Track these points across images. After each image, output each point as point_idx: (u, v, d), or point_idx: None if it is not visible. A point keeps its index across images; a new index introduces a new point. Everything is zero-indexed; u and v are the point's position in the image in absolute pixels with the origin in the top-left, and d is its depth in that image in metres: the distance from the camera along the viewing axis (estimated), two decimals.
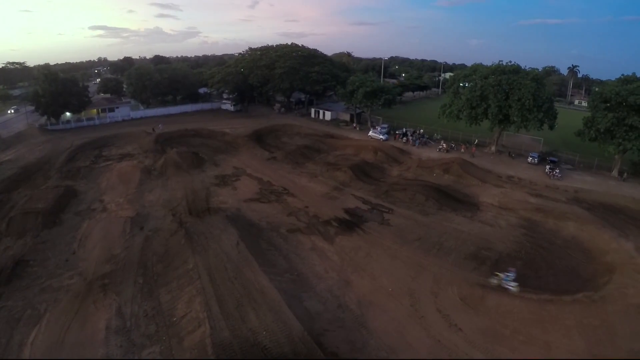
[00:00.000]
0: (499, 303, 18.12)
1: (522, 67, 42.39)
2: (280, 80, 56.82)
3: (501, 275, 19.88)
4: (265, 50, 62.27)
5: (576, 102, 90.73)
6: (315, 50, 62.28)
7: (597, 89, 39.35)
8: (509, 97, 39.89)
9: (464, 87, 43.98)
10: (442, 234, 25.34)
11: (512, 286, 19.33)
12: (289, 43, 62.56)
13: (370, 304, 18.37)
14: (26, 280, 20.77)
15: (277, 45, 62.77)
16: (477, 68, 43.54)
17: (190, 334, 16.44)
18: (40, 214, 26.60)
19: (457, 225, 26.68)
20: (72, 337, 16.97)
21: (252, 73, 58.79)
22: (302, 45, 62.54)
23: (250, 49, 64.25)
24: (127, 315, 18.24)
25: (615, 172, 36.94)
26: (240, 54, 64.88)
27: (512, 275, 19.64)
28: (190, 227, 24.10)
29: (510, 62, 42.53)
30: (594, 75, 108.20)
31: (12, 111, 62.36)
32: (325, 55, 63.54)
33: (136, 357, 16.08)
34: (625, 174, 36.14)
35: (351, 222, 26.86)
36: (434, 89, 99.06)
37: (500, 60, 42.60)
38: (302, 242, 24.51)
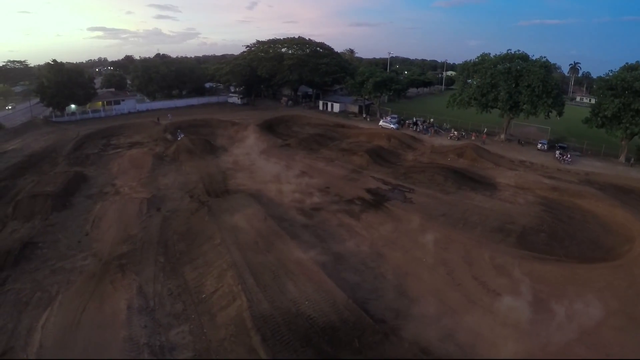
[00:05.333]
0: (532, 269, 17.43)
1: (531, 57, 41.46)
2: (289, 72, 54.97)
3: None
4: (273, 43, 60.43)
5: (578, 98, 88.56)
6: (322, 44, 60.72)
7: (601, 77, 38.50)
8: (518, 84, 39.04)
9: (471, 81, 43.09)
10: (465, 210, 24.44)
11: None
12: (296, 37, 60.76)
13: (406, 274, 17.38)
14: (35, 263, 18.44)
15: (284, 39, 61.02)
16: (485, 57, 42.49)
17: (224, 309, 14.38)
18: (50, 196, 24.17)
19: (479, 203, 25.86)
20: (90, 319, 14.65)
21: (261, 65, 56.90)
22: (309, 38, 60.99)
23: (258, 41, 62.31)
24: (150, 295, 16.01)
25: (622, 158, 36.37)
26: (247, 46, 62.88)
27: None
28: (213, 205, 21.91)
29: (519, 50, 41.51)
30: (593, 75, 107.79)
31: (10, 107, 58.28)
32: (331, 49, 61.94)
33: (163, 338, 13.86)
34: (633, 160, 35.62)
35: (375, 201, 25.70)
36: (437, 86, 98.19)
37: (508, 50, 41.61)
38: (328, 219, 23.02)
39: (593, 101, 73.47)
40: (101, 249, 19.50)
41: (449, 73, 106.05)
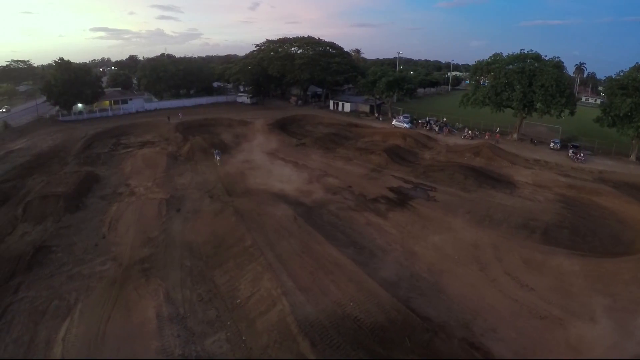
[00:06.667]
0: (560, 264, 17.25)
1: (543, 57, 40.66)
2: (300, 71, 53.61)
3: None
4: (283, 42, 59.00)
5: (583, 98, 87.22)
6: (332, 43, 59.36)
7: (612, 77, 37.83)
8: (532, 84, 38.23)
9: (485, 82, 42.27)
10: (488, 208, 23.93)
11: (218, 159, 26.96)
12: (306, 35, 59.46)
13: (441, 272, 16.89)
14: (50, 268, 16.97)
15: (294, 38, 59.60)
16: (498, 57, 41.63)
17: (264, 315, 13.15)
18: (62, 197, 22.63)
19: (500, 200, 25.37)
20: (116, 329, 13.25)
21: (271, 64, 55.49)
22: (319, 38, 59.69)
23: (268, 40, 60.88)
24: (179, 301, 14.64)
25: (633, 157, 35.73)
26: (257, 45, 61.44)
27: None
28: (239, 206, 20.48)
29: (531, 50, 40.71)
30: (598, 76, 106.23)
31: (5, 110, 54.42)
32: (342, 48, 60.65)
33: (199, 348, 12.47)
34: None
35: (399, 199, 24.85)
36: (443, 86, 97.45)
37: (521, 49, 40.78)
38: (355, 218, 21.96)
39: (599, 101, 72.96)
40: (121, 252, 18.09)
41: (454, 73, 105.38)
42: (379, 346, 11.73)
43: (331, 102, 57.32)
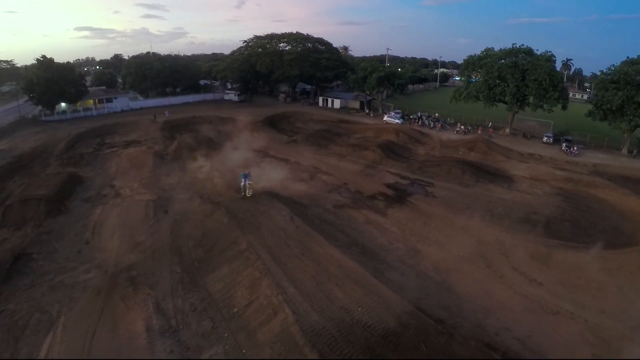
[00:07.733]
0: (566, 257, 17.06)
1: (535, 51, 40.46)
2: (289, 67, 52.10)
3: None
4: (270, 38, 57.28)
5: (571, 94, 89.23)
6: (320, 39, 57.94)
7: (603, 72, 37.88)
8: (525, 78, 38.01)
9: (476, 78, 41.92)
10: (488, 202, 23.47)
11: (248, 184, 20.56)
12: (294, 32, 57.77)
13: (447, 270, 16.28)
14: (30, 277, 15.64)
15: (282, 34, 57.94)
16: (489, 52, 41.24)
17: (265, 325, 12.08)
18: (43, 201, 21.04)
19: (499, 195, 25.00)
20: (103, 345, 12.08)
21: (260, 60, 53.76)
22: (307, 34, 58.05)
23: (256, 36, 58.99)
24: (170, 312, 13.49)
25: (625, 150, 36.10)
26: (245, 41, 59.49)
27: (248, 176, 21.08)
28: (231, 206, 19.32)
29: (523, 45, 40.43)
30: (584, 72, 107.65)
31: None
32: (330, 44, 59.25)
33: None
34: (635, 151, 35.36)
35: (397, 196, 24.10)
36: (431, 82, 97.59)
37: (513, 44, 40.51)
38: (354, 216, 21.09)
39: (585, 97, 73.74)
40: (106, 259, 16.82)
41: (442, 70, 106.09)
42: (392, 354, 10.89)
43: (320, 99, 56.08)
